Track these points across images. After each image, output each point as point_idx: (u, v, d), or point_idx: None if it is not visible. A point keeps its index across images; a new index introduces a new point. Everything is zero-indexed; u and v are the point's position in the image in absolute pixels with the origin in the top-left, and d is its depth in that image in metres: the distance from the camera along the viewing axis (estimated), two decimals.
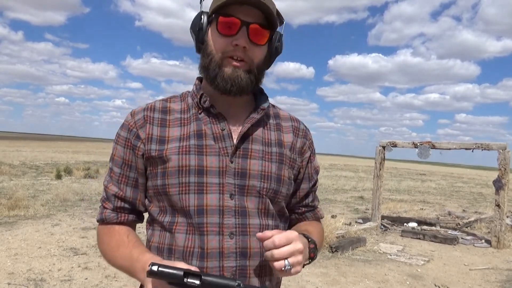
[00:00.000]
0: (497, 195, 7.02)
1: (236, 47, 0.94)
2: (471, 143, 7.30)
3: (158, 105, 1.02)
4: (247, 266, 0.93)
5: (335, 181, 19.34)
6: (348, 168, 35.59)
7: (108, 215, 1.00)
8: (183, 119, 1.00)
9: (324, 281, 4.65)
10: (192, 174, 0.93)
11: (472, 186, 22.98)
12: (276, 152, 1.02)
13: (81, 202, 8.90)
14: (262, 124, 1.03)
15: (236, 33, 0.93)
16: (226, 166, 0.94)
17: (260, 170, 0.97)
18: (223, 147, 0.96)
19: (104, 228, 1.02)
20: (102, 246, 1.02)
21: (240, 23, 0.92)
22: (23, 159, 20.74)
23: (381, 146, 8.22)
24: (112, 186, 1.00)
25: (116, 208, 1.00)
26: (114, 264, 0.98)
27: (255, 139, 1.00)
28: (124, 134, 1.00)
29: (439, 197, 15.48)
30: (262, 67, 1.00)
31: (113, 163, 1.01)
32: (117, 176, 1.00)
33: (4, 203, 7.60)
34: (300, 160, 1.07)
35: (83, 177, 13.93)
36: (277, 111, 1.11)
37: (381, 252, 6.18)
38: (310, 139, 1.12)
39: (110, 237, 0.99)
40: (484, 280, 5.08)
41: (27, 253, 4.95)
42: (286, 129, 1.08)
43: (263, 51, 0.99)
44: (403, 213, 10.13)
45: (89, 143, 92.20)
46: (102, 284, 4.11)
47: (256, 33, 0.94)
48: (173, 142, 0.96)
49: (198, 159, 0.94)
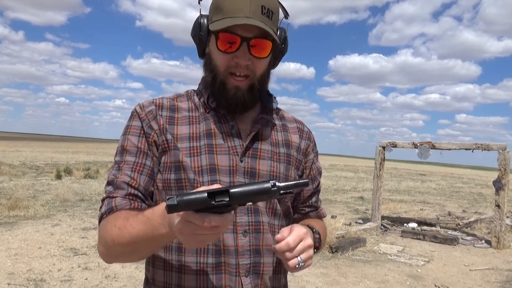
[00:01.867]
0: (497, 196, 7.02)
1: (238, 64, 0.92)
2: (471, 143, 7.30)
3: (166, 102, 1.01)
4: (261, 263, 0.94)
5: (335, 181, 19.34)
6: (348, 169, 35.60)
7: (120, 203, 0.90)
8: (192, 117, 0.99)
9: (324, 281, 4.65)
10: (205, 174, 0.93)
11: (472, 187, 22.97)
12: (284, 152, 1.03)
13: (81, 202, 8.90)
14: (270, 125, 1.04)
15: (236, 50, 0.91)
16: (236, 165, 0.95)
17: (269, 170, 0.98)
18: (232, 146, 0.96)
19: (110, 217, 0.89)
20: (108, 232, 0.86)
21: (240, 40, 0.90)
22: (23, 159, 20.74)
23: (381, 147, 8.22)
24: (123, 176, 0.92)
25: (129, 194, 0.91)
26: (124, 242, 0.83)
27: (264, 140, 1.01)
28: (137, 123, 0.97)
29: (439, 198, 15.48)
30: (266, 74, 0.99)
31: (125, 153, 0.95)
32: (131, 165, 0.93)
33: (4, 203, 7.60)
34: (305, 162, 1.09)
35: (83, 177, 13.93)
36: (281, 113, 1.12)
37: (381, 252, 6.18)
38: (313, 141, 1.13)
39: (116, 218, 0.86)
40: (484, 280, 5.08)
41: (27, 253, 4.95)
42: (292, 130, 1.09)
43: (267, 61, 0.97)
44: (403, 213, 10.13)
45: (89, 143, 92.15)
46: (102, 284, 4.11)
47: (258, 47, 0.92)
48: (183, 141, 0.96)
49: (209, 158, 0.94)
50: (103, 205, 0.93)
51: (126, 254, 0.87)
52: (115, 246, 0.85)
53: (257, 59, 0.93)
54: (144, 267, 1.03)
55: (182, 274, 0.93)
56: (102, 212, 0.92)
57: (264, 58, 0.95)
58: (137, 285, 4.14)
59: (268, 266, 0.96)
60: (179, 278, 0.93)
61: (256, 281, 0.94)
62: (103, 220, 0.91)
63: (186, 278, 0.92)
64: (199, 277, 0.92)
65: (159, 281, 0.96)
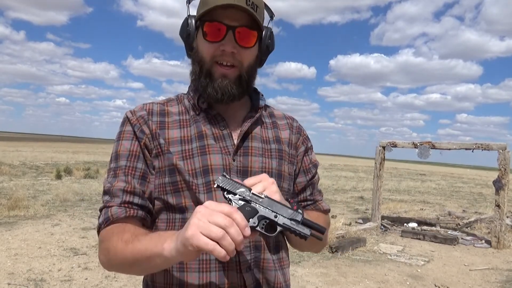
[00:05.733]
0: (497, 196, 7.02)
1: (224, 53, 0.94)
2: (471, 143, 7.29)
3: (155, 108, 1.02)
4: (262, 259, 0.96)
5: (335, 181, 19.33)
6: (348, 168, 35.58)
7: (115, 211, 0.91)
8: (182, 121, 1.01)
9: (324, 281, 4.65)
10: (200, 176, 0.94)
11: (472, 186, 22.97)
12: (275, 148, 1.04)
13: (81, 202, 8.91)
14: (259, 123, 1.06)
15: (222, 39, 0.92)
16: (229, 164, 0.97)
17: (261, 167, 0.99)
18: (224, 146, 0.98)
19: (110, 228, 0.90)
20: (111, 251, 0.87)
21: (226, 28, 0.92)
22: (23, 159, 20.74)
23: (381, 146, 8.22)
24: (119, 182, 0.94)
25: (124, 202, 0.92)
26: (129, 259, 0.84)
27: (254, 137, 1.02)
28: (129, 128, 0.99)
29: (439, 197, 15.48)
30: (253, 68, 1.01)
31: (119, 158, 0.97)
32: (124, 169, 0.95)
33: (4, 203, 7.60)
34: (296, 155, 1.09)
35: (83, 177, 13.94)
36: (271, 110, 1.13)
37: (381, 252, 6.18)
38: (304, 134, 1.14)
39: (123, 231, 0.87)
40: (484, 280, 5.08)
41: (27, 253, 4.96)
42: (282, 126, 1.11)
43: (253, 53, 0.99)
44: (403, 213, 10.13)
45: (89, 143, 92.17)
46: (102, 284, 4.11)
47: (243, 36, 0.93)
48: (175, 145, 0.97)
49: (202, 159, 0.95)
50: (100, 215, 0.94)
51: (126, 267, 0.89)
52: (117, 259, 0.87)
53: (243, 48, 0.94)
54: None
55: (184, 272, 0.93)
56: (100, 223, 0.93)
57: (250, 47, 0.96)
58: (137, 285, 4.14)
59: (269, 262, 0.97)
60: (181, 277, 0.94)
61: (257, 275, 0.95)
62: (103, 230, 0.92)
63: (188, 276, 0.93)
64: (202, 274, 0.92)
65: (159, 282, 0.96)
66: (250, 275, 0.94)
